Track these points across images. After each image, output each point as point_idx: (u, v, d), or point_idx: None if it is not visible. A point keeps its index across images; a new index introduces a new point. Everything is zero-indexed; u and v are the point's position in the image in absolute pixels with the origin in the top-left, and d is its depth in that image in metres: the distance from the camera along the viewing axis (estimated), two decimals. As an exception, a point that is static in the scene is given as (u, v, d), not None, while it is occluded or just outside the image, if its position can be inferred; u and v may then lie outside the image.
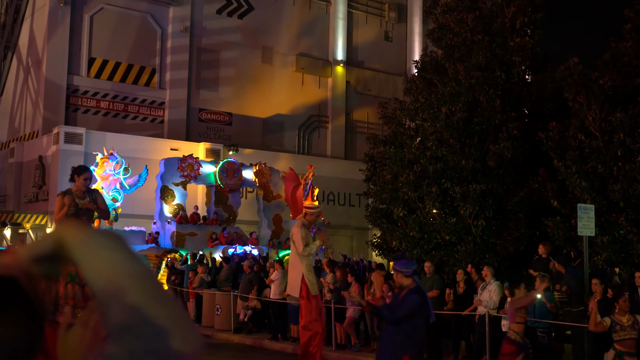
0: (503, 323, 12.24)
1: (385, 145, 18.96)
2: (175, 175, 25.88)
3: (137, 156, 26.81)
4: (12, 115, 34.12)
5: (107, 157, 23.62)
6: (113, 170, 23.85)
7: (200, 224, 25.91)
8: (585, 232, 13.10)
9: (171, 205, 25.80)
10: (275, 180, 27.93)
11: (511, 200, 16.25)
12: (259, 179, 27.53)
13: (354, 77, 39.54)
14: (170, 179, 25.91)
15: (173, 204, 25.86)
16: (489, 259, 15.76)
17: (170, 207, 25.77)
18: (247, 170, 27.42)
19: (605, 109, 14.32)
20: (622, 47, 15.55)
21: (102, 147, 27.32)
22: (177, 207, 25.92)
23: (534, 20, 18.34)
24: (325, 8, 38.98)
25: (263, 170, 27.51)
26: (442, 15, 19.19)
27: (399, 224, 17.72)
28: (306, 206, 10.84)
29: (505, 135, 16.29)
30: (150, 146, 29.12)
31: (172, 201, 25.87)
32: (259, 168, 27.63)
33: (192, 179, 26.11)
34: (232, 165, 27.05)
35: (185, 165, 25.85)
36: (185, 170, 25.74)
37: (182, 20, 33.95)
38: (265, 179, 27.59)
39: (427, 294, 7.29)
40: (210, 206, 27.51)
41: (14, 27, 34.11)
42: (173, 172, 25.87)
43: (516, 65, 17.54)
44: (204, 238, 25.41)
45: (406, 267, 6.94)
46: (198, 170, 26.06)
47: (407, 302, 6.79)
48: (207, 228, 25.89)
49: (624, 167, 13.83)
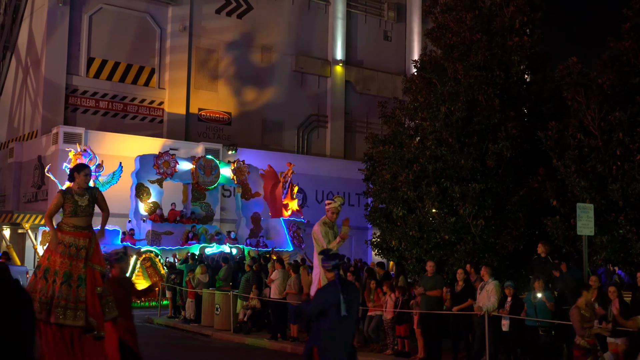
0: (503, 323, 12.26)
1: (384, 145, 18.95)
2: (151, 173, 25.29)
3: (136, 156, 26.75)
4: (11, 115, 34.11)
5: (80, 153, 23.07)
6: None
7: (177, 222, 25.62)
8: (584, 232, 13.11)
9: (147, 204, 25.18)
10: (254, 178, 27.62)
11: (510, 200, 16.24)
12: (237, 176, 27.04)
13: (353, 76, 39.55)
14: (146, 176, 25.30)
15: (149, 202, 25.23)
16: (489, 259, 15.76)
17: (146, 205, 25.16)
18: (225, 167, 26.94)
19: (604, 108, 14.32)
20: (620, 46, 15.54)
21: (102, 146, 27.36)
22: (152, 205, 25.35)
23: (533, 19, 18.34)
24: (325, 8, 38.99)
25: (241, 167, 27.07)
26: (441, 14, 19.18)
27: (398, 224, 17.71)
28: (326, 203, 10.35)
29: (504, 135, 16.28)
30: (149, 146, 29.10)
31: (148, 199, 25.23)
32: (237, 165, 27.12)
33: (169, 176, 25.63)
34: (209, 163, 26.50)
35: (161, 162, 25.23)
36: (161, 167, 25.15)
37: (181, 20, 33.95)
38: (244, 177, 27.11)
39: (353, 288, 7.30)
40: (187, 204, 27.18)
41: (12, 27, 34.10)
42: (149, 169, 25.26)
43: (515, 65, 17.53)
44: (180, 237, 25.20)
45: (327, 261, 7.12)
46: (174, 167, 25.52)
47: (316, 297, 7.19)
48: (184, 227, 25.56)
49: (623, 167, 13.83)
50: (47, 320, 7.79)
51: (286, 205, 27.94)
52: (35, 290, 7.86)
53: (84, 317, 7.91)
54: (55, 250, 8.00)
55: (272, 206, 28.18)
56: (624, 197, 13.79)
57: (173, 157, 25.76)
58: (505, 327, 12.20)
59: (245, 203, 27.58)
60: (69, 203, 8.13)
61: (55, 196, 8.26)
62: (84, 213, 8.16)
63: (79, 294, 7.95)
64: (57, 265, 7.94)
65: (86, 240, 8.10)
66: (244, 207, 27.58)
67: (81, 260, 8.03)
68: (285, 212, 27.82)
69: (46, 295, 7.82)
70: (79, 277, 7.98)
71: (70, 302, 7.88)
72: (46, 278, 7.93)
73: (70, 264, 7.96)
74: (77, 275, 7.98)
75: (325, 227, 9.90)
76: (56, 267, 7.94)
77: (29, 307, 3.12)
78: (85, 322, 7.89)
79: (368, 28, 40.66)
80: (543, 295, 11.81)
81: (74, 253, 8.02)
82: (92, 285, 8.06)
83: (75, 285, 7.96)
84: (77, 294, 7.94)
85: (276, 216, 27.89)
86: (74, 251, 8.02)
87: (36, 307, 7.72)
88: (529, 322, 11.97)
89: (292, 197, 28.07)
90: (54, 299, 7.82)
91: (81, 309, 7.92)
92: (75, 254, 8.03)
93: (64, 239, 8.05)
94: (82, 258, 8.03)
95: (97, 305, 8.07)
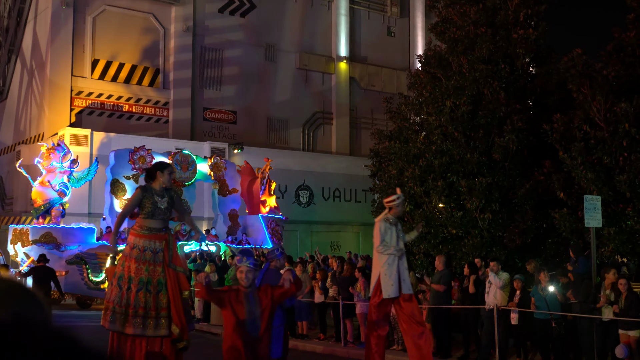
0: (512, 316, 12.24)
1: (390, 141, 18.95)
2: (127, 168, 24.31)
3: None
4: (17, 119, 34.22)
5: (53, 148, 22.37)
6: (60, 162, 22.54)
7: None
8: (592, 224, 13.07)
9: (122, 200, 23.83)
10: (231, 174, 27.00)
11: (517, 193, 16.22)
12: (214, 172, 26.22)
13: (357, 73, 39.51)
14: (121, 172, 24.33)
15: (124, 198, 23.85)
16: (496, 252, 15.75)
17: (121, 202, 23.84)
18: (202, 163, 26.13)
19: (610, 99, 14.28)
20: (625, 37, 15.50)
21: (108, 148, 27.40)
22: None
23: (538, 12, 18.29)
24: (327, 4, 38.95)
25: (218, 163, 26.28)
26: (445, 8, 19.16)
27: (405, 219, 17.72)
28: (386, 201, 9.62)
29: (510, 128, 16.26)
30: (156, 146, 29.14)
31: (123, 196, 24.00)
32: (214, 161, 26.33)
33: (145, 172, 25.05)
34: (186, 158, 25.53)
35: (136, 157, 24.25)
36: (137, 162, 24.09)
37: (185, 19, 33.97)
38: (221, 173, 26.31)
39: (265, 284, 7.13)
40: None
41: (17, 31, 34.19)
42: (124, 165, 24.34)
43: (520, 58, 17.50)
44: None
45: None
46: (150, 162, 24.24)
47: None
48: None
49: (629, 158, 13.79)
50: (121, 331, 7.23)
51: (264, 202, 27.08)
52: (109, 299, 7.33)
53: (167, 326, 7.32)
54: (130, 256, 7.40)
55: (250, 203, 27.43)
56: (631, 188, 13.75)
57: (149, 152, 24.71)
58: (514, 320, 12.18)
59: (222, 200, 26.92)
60: (148, 203, 7.52)
61: (135, 192, 7.74)
62: (161, 215, 7.58)
63: (160, 300, 7.33)
64: (132, 272, 7.33)
65: (162, 242, 7.49)
66: (221, 204, 26.94)
67: (159, 264, 7.40)
68: (263, 209, 26.93)
69: (120, 304, 7.25)
70: (158, 282, 7.36)
71: (151, 310, 7.27)
72: (120, 286, 7.33)
73: (146, 269, 7.34)
74: (156, 280, 7.35)
75: (386, 224, 9.34)
76: (131, 273, 7.32)
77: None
78: (169, 330, 7.30)
79: (371, 24, 40.59)
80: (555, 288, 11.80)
81: (149, 257, 7.38)
82: (174, 289, 7.42)
83: (155, 291, 7.33)
84: (158, 301, 7.32)
85: (253, 213, 27.07)
86: (149, 255, 7.39)
87: (108, 316, 7.25)
88: (538, 315, 11.94)
89: (269, 194, 27.29)
90: (129, 308, 7.22)
91: (163, 316, 7.32)
92: (152, 258, 7.39)
93: (138, 242, 7.44)
94: (160, 262, 7.41)
95: (181, 312, 7.41)
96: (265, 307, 6.47)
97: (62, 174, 22.75)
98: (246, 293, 6.47)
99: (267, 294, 6.53)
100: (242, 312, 6.35)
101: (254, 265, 6.54)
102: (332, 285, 15.96)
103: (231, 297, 6.39)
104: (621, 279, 10.96)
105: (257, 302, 6.45)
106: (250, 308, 6.39)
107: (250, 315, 6.38)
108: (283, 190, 32.29)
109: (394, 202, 9.45)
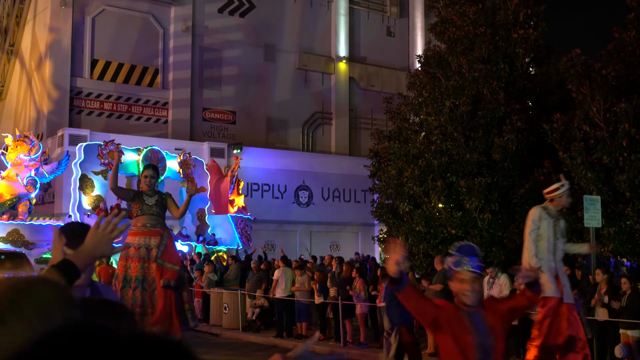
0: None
1: (389, 141, 18.94)
2: (95, 163, 23.41)
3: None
4: (16, 119, 34.19)
5: (21, 140, 21.27)
6: (28, 155, 21.34)
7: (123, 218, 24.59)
8: (591, 224, 13.06)
9: (90, 197, 23.23)
10: (199, 172, 26.35)
11: (517, 193, 16.21)
12: (183, 169, 25.30)
13: (356, 73, 39.50)
14: (90, 167, 23.54)
15: (92, 195, 23.28)
16: (496, 252, 15.74)
17: (89, 198, 23.23)
18: (171, 160, 25.24)
19: (609, 99, 14.27)
20: (625, 37, 15.49)
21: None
22: (96, 199, 23.25)
23: (537, 12, 18.29)
24: (327, 5, 38.94)
25: (187, 160, 25.41)
26: (444, 8, 19.15)
27: (404, 219, 17.70)
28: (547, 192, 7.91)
29: (509, 128, 16.25)
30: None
31: (92, 192, 23.31)
32: (183, 158, 25.44)
33: None
34: (155, 154, 24.48)
35: (105, 152, 23.20)
36: (107, 157, 23.00)
37: (184, 19, 33.95)
38: (190, 170, 25.44)
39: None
40: None
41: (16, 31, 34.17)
42: (93, 160, 23.46)
43: (519, 58, 17.49)
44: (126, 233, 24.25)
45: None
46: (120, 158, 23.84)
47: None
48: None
49: (629, 157, 13.78)
50: None
51: (232, 202, 26.54)
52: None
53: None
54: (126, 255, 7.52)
55: (217, 202, 26.87)
56: (631, 188, 13.74)
57: (119, 146, 23.54)
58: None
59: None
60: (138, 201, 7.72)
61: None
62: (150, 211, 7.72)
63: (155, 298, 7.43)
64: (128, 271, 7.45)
65: (157, 238, 7.61)
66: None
67: (152, 260, 7.53)
68: (231, 209, 26.39)
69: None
70: (153, 279, 7.47)
71: (147, 308, 7.39)
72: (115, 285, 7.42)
73: (141, 266, 7.46)
74: (151, 277, 7.47)
75: (545, 212, 7.68)
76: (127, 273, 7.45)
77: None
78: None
79: (371, 24, 40.58)
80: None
81: (144, 254, 7.53)
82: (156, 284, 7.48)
83: (151, 289, 7.44)
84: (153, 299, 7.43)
85: (220, 212, 26.53)
86: (144, 252, 7.54)
87: None
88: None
89: (238, 193, 26.84)
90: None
91: None
92: (146, 255, 7.53)
93: (133, 241, 7.60)
94: (152, 259, 7.54)
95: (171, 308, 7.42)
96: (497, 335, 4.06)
97: (30, 167, 21.35)
98: (469, 313, 4.06)
99: (495, 311, 4.15)
100: (469, 342, 3.98)
101: (480, 270, 4.10)
102: (332, 286, 15.94)
103: (450, 318, 4.04)
104: (623, 277, 10.96)
105: (487, 328, 4.04)
106: (481, 338, 4.01)
107: (482, 347, 4.00)
108: (282, 190, 32.28)
109: (556, 193, 7.77)
